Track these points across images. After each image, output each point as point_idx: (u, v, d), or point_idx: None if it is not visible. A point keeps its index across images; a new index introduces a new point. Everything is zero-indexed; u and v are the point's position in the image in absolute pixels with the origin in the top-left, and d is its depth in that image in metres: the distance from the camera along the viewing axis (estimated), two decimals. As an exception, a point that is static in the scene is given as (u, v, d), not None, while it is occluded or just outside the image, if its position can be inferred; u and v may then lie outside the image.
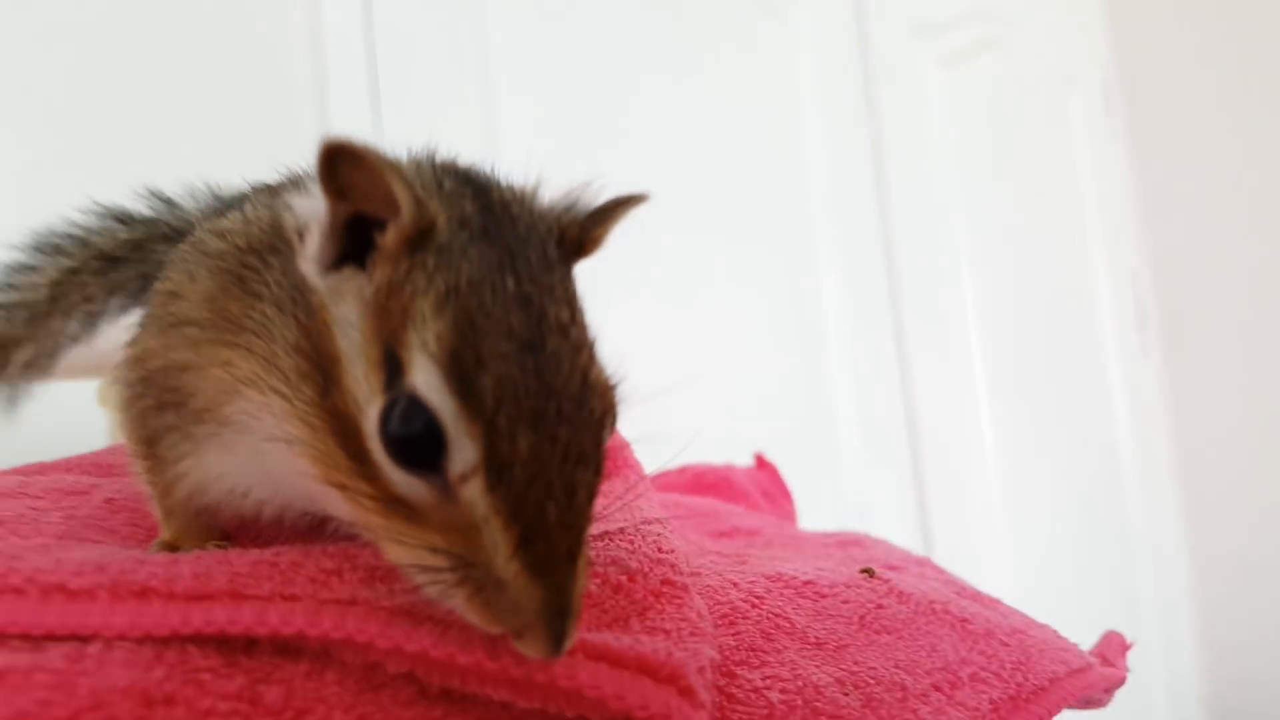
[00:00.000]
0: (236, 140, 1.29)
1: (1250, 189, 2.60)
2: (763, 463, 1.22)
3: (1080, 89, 2.75)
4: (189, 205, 0.75)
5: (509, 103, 1.60)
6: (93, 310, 0.75)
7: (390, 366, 0.40)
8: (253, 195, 0.54)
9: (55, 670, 0.38)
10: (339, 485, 0.41)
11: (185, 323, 0.48)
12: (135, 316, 0.62)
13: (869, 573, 0.65)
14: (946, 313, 2.32)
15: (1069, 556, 2.43)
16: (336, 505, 0.43)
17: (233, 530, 0.54)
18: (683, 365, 1.75)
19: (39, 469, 0.78)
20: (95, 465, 0.78)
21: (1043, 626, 0.70)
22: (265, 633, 0.41)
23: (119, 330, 0.76)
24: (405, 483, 0.39)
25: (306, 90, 1.39)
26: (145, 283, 0.71)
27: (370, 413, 0.40)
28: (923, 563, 0.80)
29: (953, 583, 0.74)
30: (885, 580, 0.65)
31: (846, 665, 0.54)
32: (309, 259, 0.43)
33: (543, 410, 0.38)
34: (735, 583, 0.59)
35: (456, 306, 0.39)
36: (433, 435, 0.38)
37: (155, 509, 0.54)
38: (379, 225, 0.42)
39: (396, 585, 0.41)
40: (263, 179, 0.58)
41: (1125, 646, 0.77)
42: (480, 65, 1.57)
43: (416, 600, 0.40)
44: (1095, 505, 2.56)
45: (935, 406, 2.23)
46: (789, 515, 1.13)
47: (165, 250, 0.66)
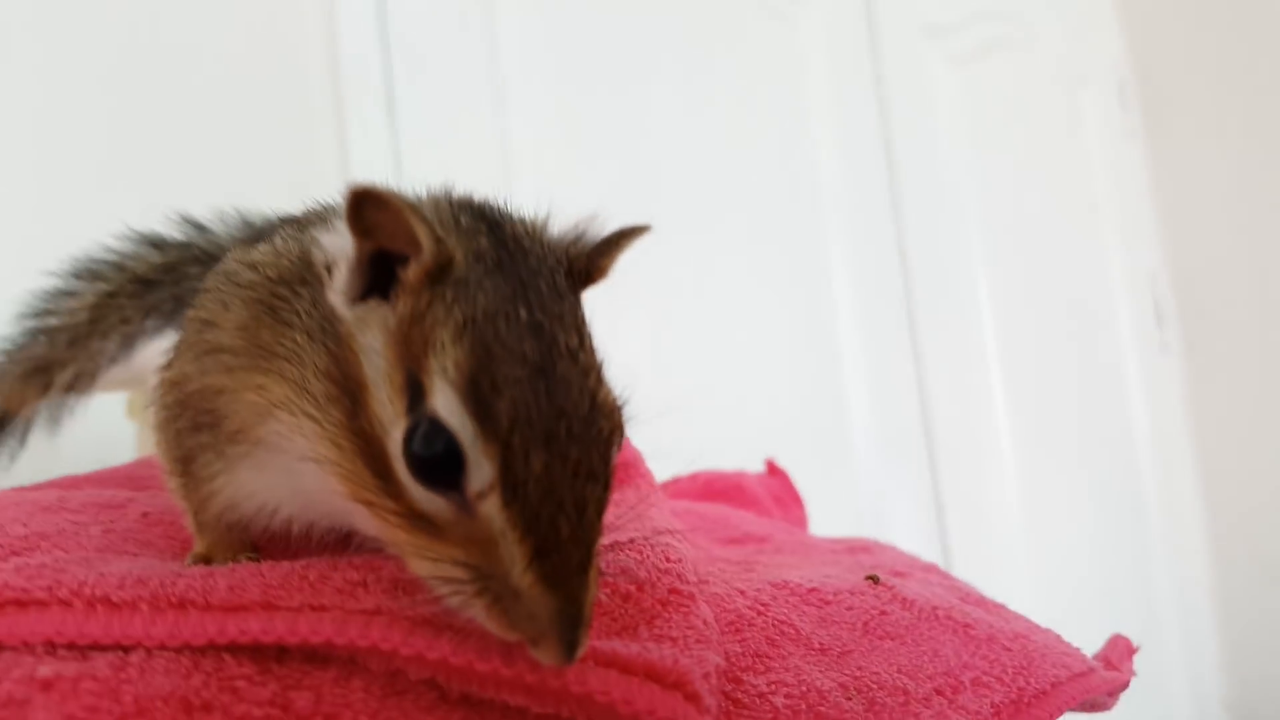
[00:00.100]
0: (257, 161, 1.32)
1: (1267, 185, 2.58)
2: (774, 469, 1.23)
3: (1094, 87, 2.74)
4: (219, 229, 0.79)
5: (521, 111, 1.61)
6: (130, 331, 0.79)
7: (413, 391, 0.42)
8: (280, 228, 0.57)
9: (101, 678, 0.41)
10: (366, 502, 0.44)
11: (220, 350, 0.51)
12: (169, 339, 0.65)
13: (874, 580, 0.67)
14: (961, 314, 2.31)
15: (1088, 557, 2.42)
16: (363, 521, 0.46)
17: (263, 543, 0.57)
18: (695, 371, 1.77)
19: (73, 483, 0.82)
20: (128, 478, 0.82)
21: (1045, 631, 0.71)
22: (296, 641, 0.43)
23: (149, 349, 0.80)
24: (427, 499, 0.42)
25: (325, 108, 1.42)
26: (179, 304, 0.75)
27: (395, 434, 0.43)
28: (929, 568, 0.82)
29: (957, 588, 0.75)
30: (889, 587, 0.66)
31: (850, 671, 0.56)
32: (337, 291, 0.46)
33: (554, 431, 0.41)
34: (742, 590, 0.61)
35: (473, 335, 0.42)
36: (452, 455, 0.41)
37: (189, 523, 0.57)
38: (402, 260, 0.45)
39: (418, 596, 0.43)
40: (287, 208, 0.60)
41: (1131, 650, 0.78)
42: (492, 70, 1.59)
43: (438, 610, 0.43)
44: (1114, 505, 2.54)
45: (951, 409, 2.22)
46: (800, 521, 1.15)
47: (198, 273, 0.69)
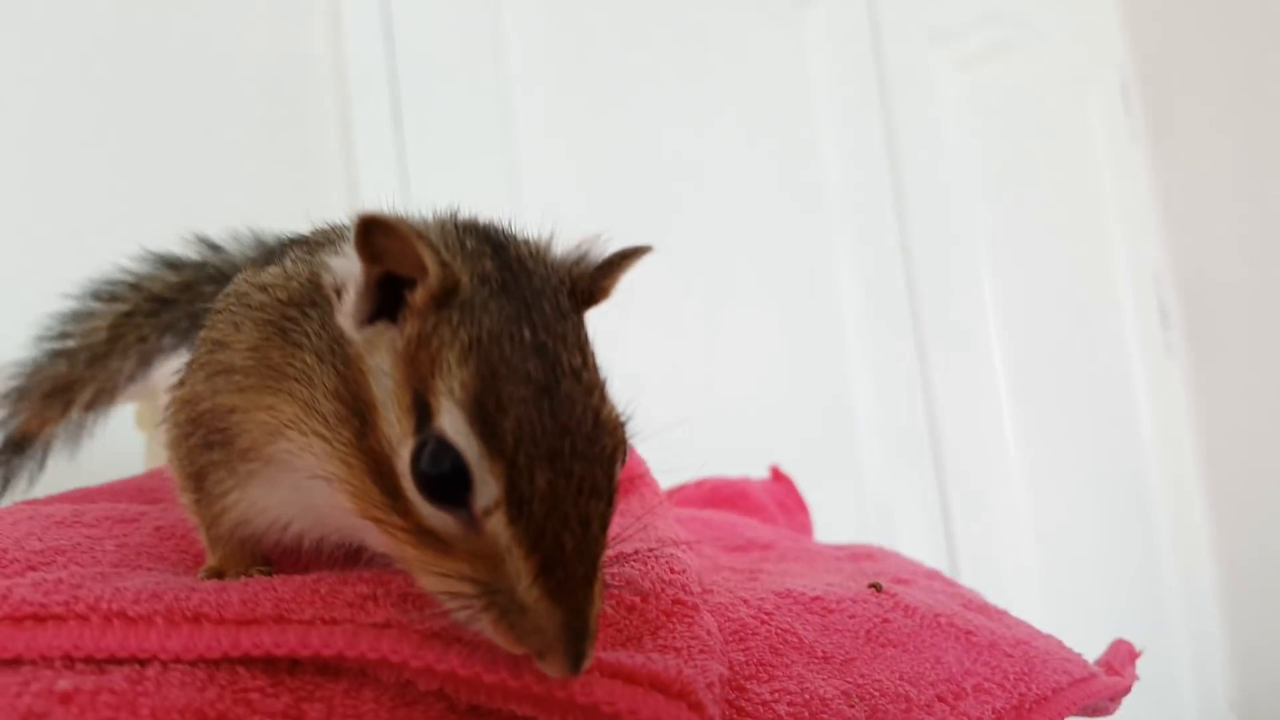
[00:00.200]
0: (264, 179, 1.33)
1: (1271, 186, 2.58)
2: (779, 475, 1.24)
3: (1098, 90, 2.74)
4: (233, 248, 0.81)
5: (527, 124, 1.62)
6: (147, 349, 0.80)
7: (420, 411, 0.43)
8: (290, 249, 0.58)
9: (119, 691, 0.42)
10: (375, 519, 0.45)
11: (232, 370, 0.52)
12: (184, 355, 0.67)
13: (876, 588, 0.68)
14: (967, 317, 2.31)
15: (1094, 560, 2.42)
16: (372, 537, 0.47)
17: (274, 556, 0.58)
18: (701, 377, 1.78)
19: (86, 495, 0.83)
20: (140, 491, 0.83)
21: (1047, 637, 0.72)
22: (308, 654, 0.44)
23: (165, 366, 0.82)
24: (435, 516, 0.43)
25: (332, 126, 1.43)
26: (194, 322, 0.76)
27: (403, 453, 0.44)
28: (932, 575, 0.82)
29: (960, 595, 0.76)
30: (892, 595, 0.67)
31: (853, 678, 0.56)
32: (346, 314, 0.47)
33: (558, 449, 0.42)
34: (745, 599, 0.62)
35: (479, 356, 0.43)
36: (459, 473, 0.42)
37: (202, 537, 0.58)
38: (409, 284, 0.46)
39: (427, 610, 0.44)
40: (294, 227, 0.62)
41: (1133, 655, 0.79)
42: (498, 84, 1.60)
43: (446, 624, 0.44)
44: (1120, 507, 2.54)
45: (957, 412, 2.22)
46: (805, 527, 1.16)
47: (213, 291, 0.70)
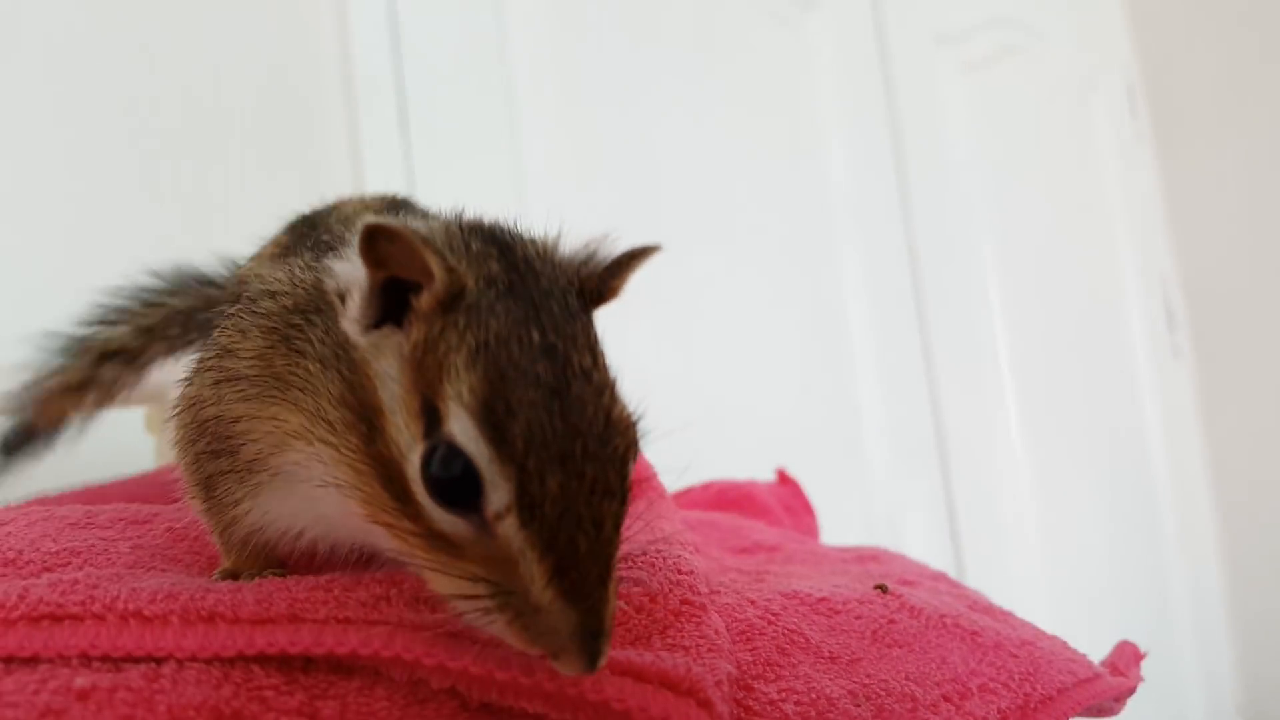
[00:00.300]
0: (272, 184, 1.34)
1: (1277, 188, 2.58)
2: (785, 478, 1.24)
3: (1103, 93, 2.75)
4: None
5: (533, 128, 1.63)
6: (174, 346, 0.87)
7: (429, 416, 0.43)
8: (293, 229, 0.58)
9: (136, 688, 0.42)
10: (385, 524, 0.45)
11: (237, 378, 0.52)
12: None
13: (882, 589, 0.68)
14: (973, 320, 2.32)
15: (1101, 562, 2.42)
16: (383, 541, 0.47)
17: (289, 561, 0.59)
18: (708, 381, 1.78)
19: (98, 494, 0.84)
20: (151, 487, 0.84)
21: (1052, 638, 0.72)
22: (322, 653, 0.45)
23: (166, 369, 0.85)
24: (446, 520, 0.43)
25: (339, 130, 1.44)
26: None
27: (413, 458, 0.44)
28: (938, 577, 0.83)
29: (965, 596, 0.76)
30: (898, 596, 0.67)
31: (859, 678, 0.57)
32: (351, 320, 0.47)
33: (569, 451, 0.42)
34: (753, 600, 0.62)
35: (487, 360, 0.43)
36: (470, 477, 0.42)
37: (216, 541, 0.58)
38: (414, 287, 0.46)
39: (440, 610, 0.45)
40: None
41: (1138, 656, 0.79)
42: (504, 88, 1.61)
43: (459, 624, 0.44)
44: (1126, 510, 2.54)
45: (964, 416, 2.22)
46: (811, 530, 1.16)
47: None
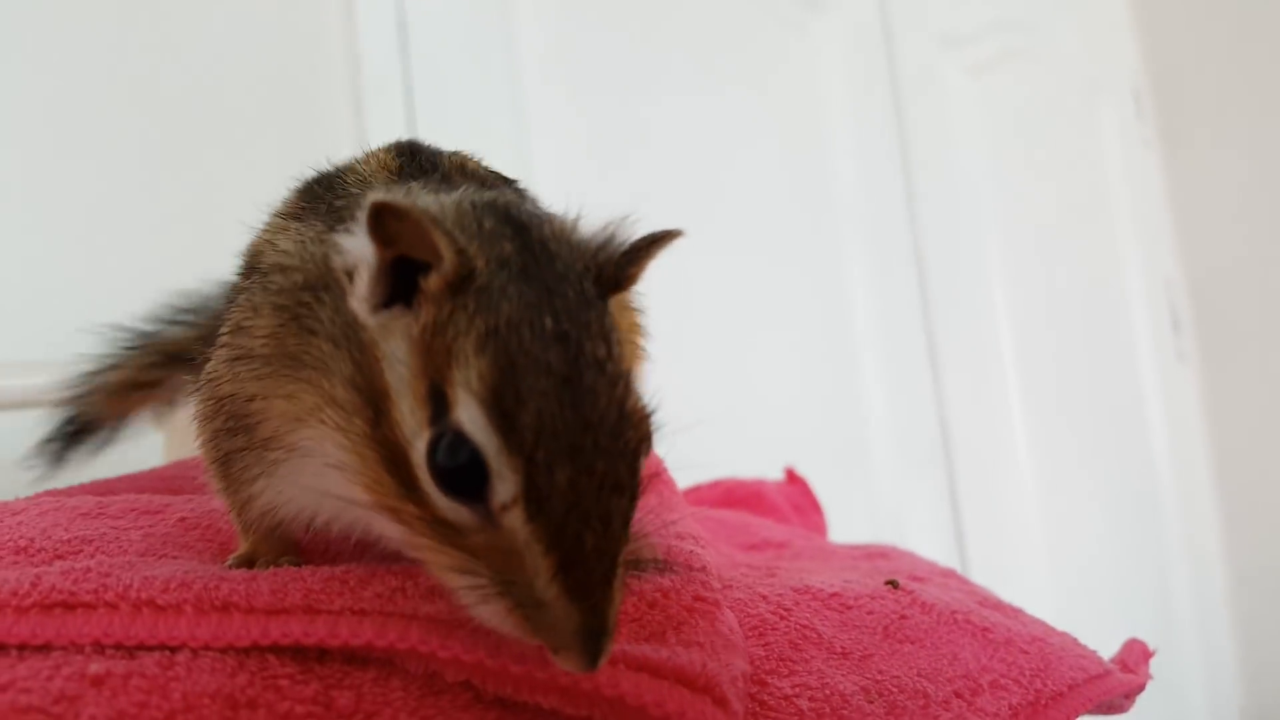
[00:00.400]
0: (278, 179, 1.34)
1: (1283, 193, 2.58)
2: (793, 477, 1.24)
3: (1110, 96, 2.74)
4: None
5: (539, 126, 1.63)
6: None
7: (436, 402, 0.42)
8: (304, 191, 0.58)
9: (150, 676, 0.42)
10: (389, 509, 0.44)
11: (251, 356, 0.51)
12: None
13: (893, 585, 0.68)
14: (979, 323, 2.31)
15: (1105, 565, 2.42)
16: (387, 527, 0.46)
17: (305, 544, 0.58)
18: (715, 381, 1.78)
19: (108, 486, 0.84)
20: (162, 480, 0.84)
21: (1062, 634, 0.72)
22: (337, 643, 0.45)
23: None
24: (451, 508, 0.42)
25: (346, 123, 1.44)
26: None
27: (418, 445, 0.42)
28: (947, 574, 0.83)
29: (975, 593, 0.76)
30: (909, 592, 0.67)
31: (871, 674, 0.57)
32: (359, 299, 0.46)
33: (580, 444, 0.41)
34: (765, 595, 0.62)
35: (497, 346, 0.41)
36: (477, 466, 0.41)
37: (234, 520, 0.57)
38: (423, 267, 0.44)
39: (454, 601, 0.45)
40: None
41: (1147, 654, 0.79)
42: (511, 85, 1.61)
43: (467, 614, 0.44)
44: (1131, 513, 2.54)
45: (969, 417, 2.22)
46: (819, 528, 1.16)
47: None
